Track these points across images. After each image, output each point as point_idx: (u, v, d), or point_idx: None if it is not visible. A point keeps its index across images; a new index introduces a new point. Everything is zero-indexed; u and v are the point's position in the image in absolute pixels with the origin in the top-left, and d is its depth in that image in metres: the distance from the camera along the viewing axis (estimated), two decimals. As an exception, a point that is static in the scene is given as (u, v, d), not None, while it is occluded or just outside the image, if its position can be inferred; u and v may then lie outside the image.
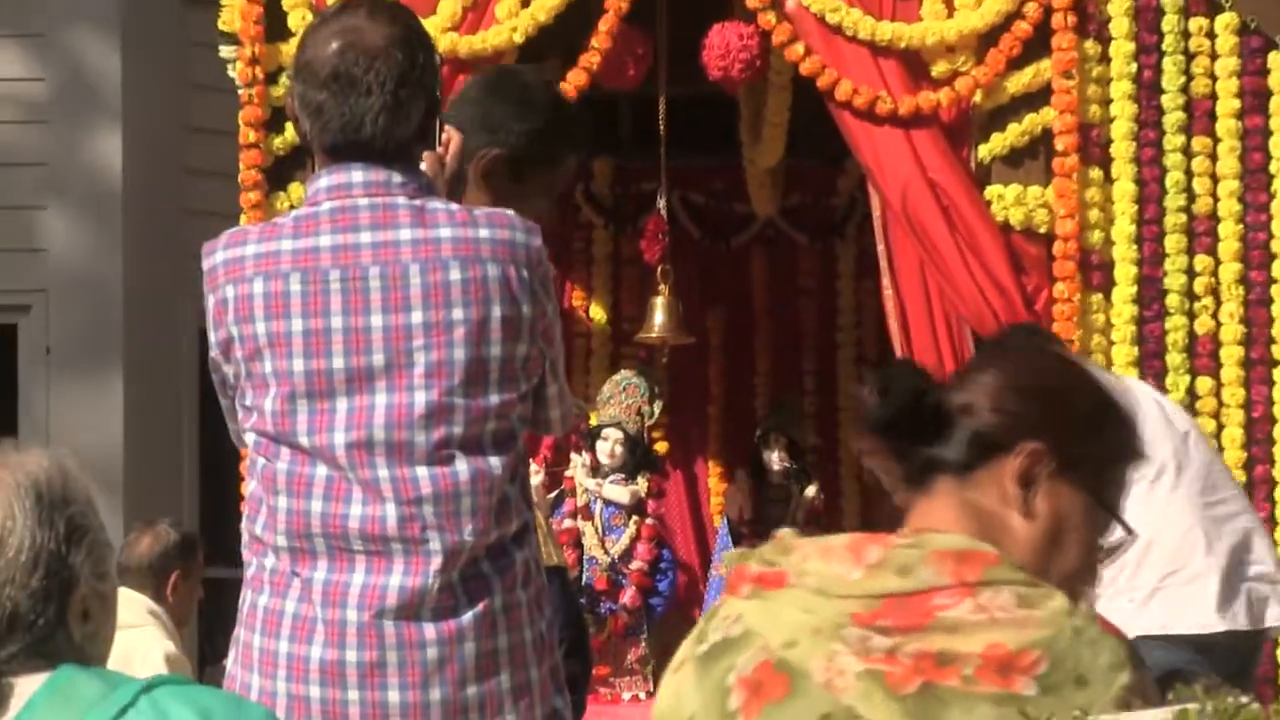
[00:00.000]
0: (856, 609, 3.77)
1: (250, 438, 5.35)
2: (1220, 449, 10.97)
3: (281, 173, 10.99)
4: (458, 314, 5.27)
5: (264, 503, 5.32)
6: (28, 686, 3.95)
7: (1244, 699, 3.13)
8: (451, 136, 5.65)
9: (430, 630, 5.24)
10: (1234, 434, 10.95)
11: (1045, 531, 3.94)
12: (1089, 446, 4.03)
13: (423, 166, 5.48)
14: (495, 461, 5.32)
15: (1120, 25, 11.11)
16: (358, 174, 5.33)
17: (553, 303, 5.46)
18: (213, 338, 5.35)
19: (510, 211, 5.52)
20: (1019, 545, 3.89)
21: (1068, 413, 4.02)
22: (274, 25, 10.91)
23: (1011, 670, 3.69)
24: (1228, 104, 11.07)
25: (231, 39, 11.27)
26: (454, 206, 5.38)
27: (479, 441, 5.30)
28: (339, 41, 5.32)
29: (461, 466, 5.27)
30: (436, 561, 5.23)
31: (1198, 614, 9.11)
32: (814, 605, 3.81)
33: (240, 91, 11.10)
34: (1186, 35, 11.13)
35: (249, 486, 5.40)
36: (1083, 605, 3.86)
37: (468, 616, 5.27)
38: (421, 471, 5.25)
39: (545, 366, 5.46)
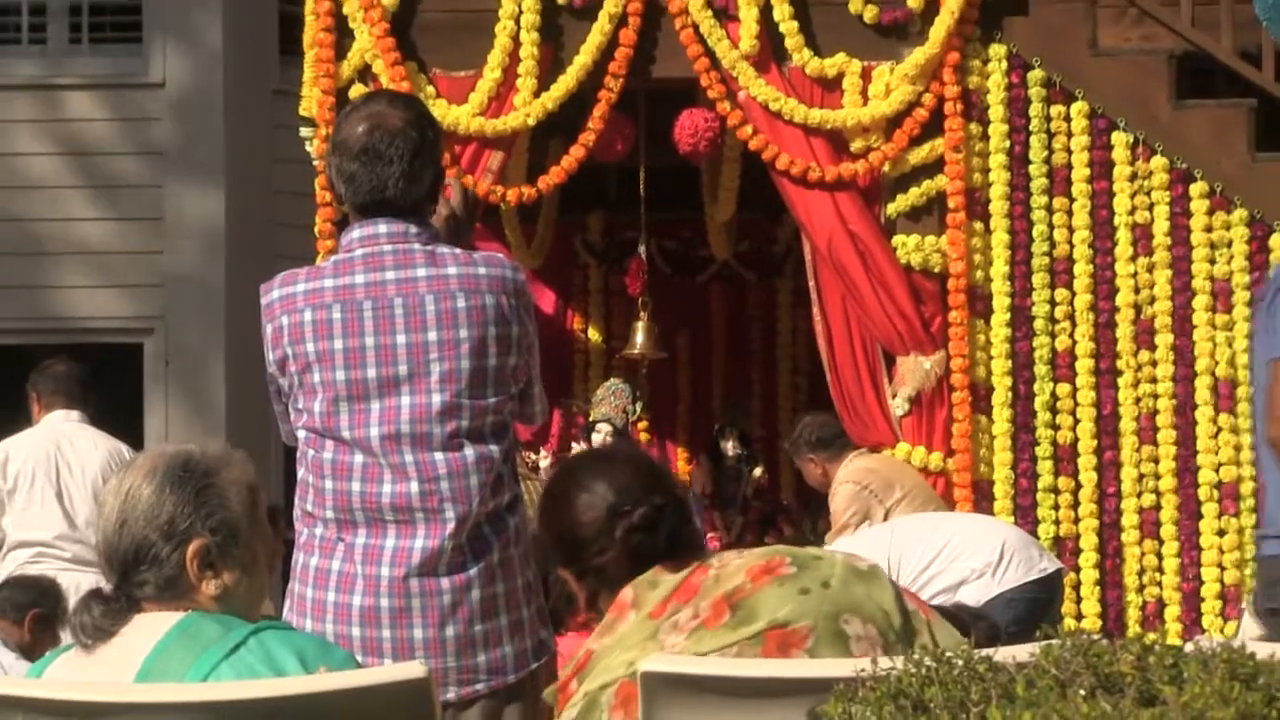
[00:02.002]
0: (650, 612, 4.07)
1: (301, 434, 5.41)
2: (1076, 440, 10.99)
3: (346, 224, 10.97)
4: (463, 333, 5.33)
5: (311, 485, 5.40)
6: (162, 625, 4.00)
7: (1095, 635, 3.14)
8: (451, 186, 5.66)
9: (445, 582, 5.30)
10: (1087, 428, 10.93)
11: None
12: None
13: (433, 220, 5.52)
14: (494, 447, 5.39)
15: (997, 111, 11.10)
16: (383, 226, 5.39)
17: (533, 324, 5.53)
18: (270, 357, 5.41)
19: (501, 255, 5.59)
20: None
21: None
22: (342, 108, 10.86)
23: (773, 568, 4.03)
24: (1080, 172, 11.07)
25: (309, 122, 11.25)
26: (458, 251, 5.45)
27: (481, 432, 5.37)
28: (367, 124, 5.39)
29: (469, 451, 5.33)
30: (450, 527, 5.29)
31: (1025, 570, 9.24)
32: (628, 637, 4.12)
33: (315, 162, 11.06)
34: (1048, 119, 11.12)
35: (299, 473, 5.45)
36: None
37: (474, 570, 5.33)
38: (438, 456, 5.32)
39: (531, 373, 5.50)
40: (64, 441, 10.03)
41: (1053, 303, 11.08)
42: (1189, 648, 3.05)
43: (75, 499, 9.87)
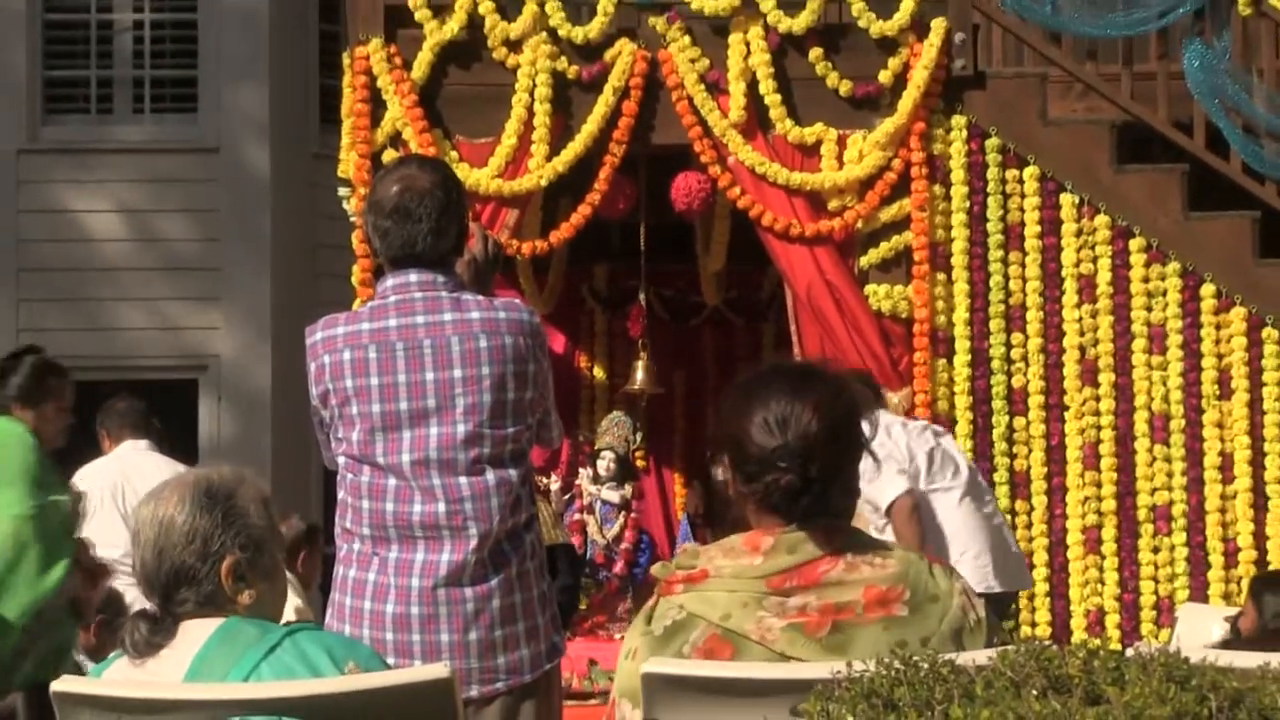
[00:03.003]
0: (769, 580, 3.78)
1: (341, 460, 5.41)
2: (1029, 467, 10.99)
3: (380, 274, 10.96)
4: (485, 370, 5.33)
5: (350, 505, 5.39)
6: (204, 630, 4.01)
7: (1046, 641, 3.13)
8: (475, 233, 5.66)
9: (469, 591, 5.29)
10: (1038, 455, 10.93)
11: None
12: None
13: (458, 269, 5.52)
14: (513, 472, 5.38)
15: (958, 175, 11.11)
16: (413, 276, 5.39)
17: (547, 360, 5.52)
18: (314, 391, 5.41)
19: (518, 300, 5.60)
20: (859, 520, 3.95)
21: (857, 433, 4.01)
22: (376, 171, 10.88)
23: (888, 602, 3.76)
24: (1032, 228, 11.08)
25: (346, 182, 11.24)
26: (480, 297, 5.45)
27: (501, 458, 5.36)
28: (399, 185, 5.40)
29: (490, 476, 5.32)
30: (473, 543, 5.28)
31: (983, 580, 9.12)
32: (735, 586, 3.82)
33: (352, 219, 11.06)
34: (1003, 181, 11.13)
35: (339, 494, 5.45)
36: (915, 550, 3.91)
37: (494, 581, 5.32)
38: (463, 480, 5.30)
39: (546, 404, 5.49)
40: (130, 468, 10.04)
41: (1008, 345, 11.08)
42: (1130, 653, 3.05)
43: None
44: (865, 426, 4.00)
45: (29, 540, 7.90)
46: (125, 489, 9.90)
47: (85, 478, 10.09)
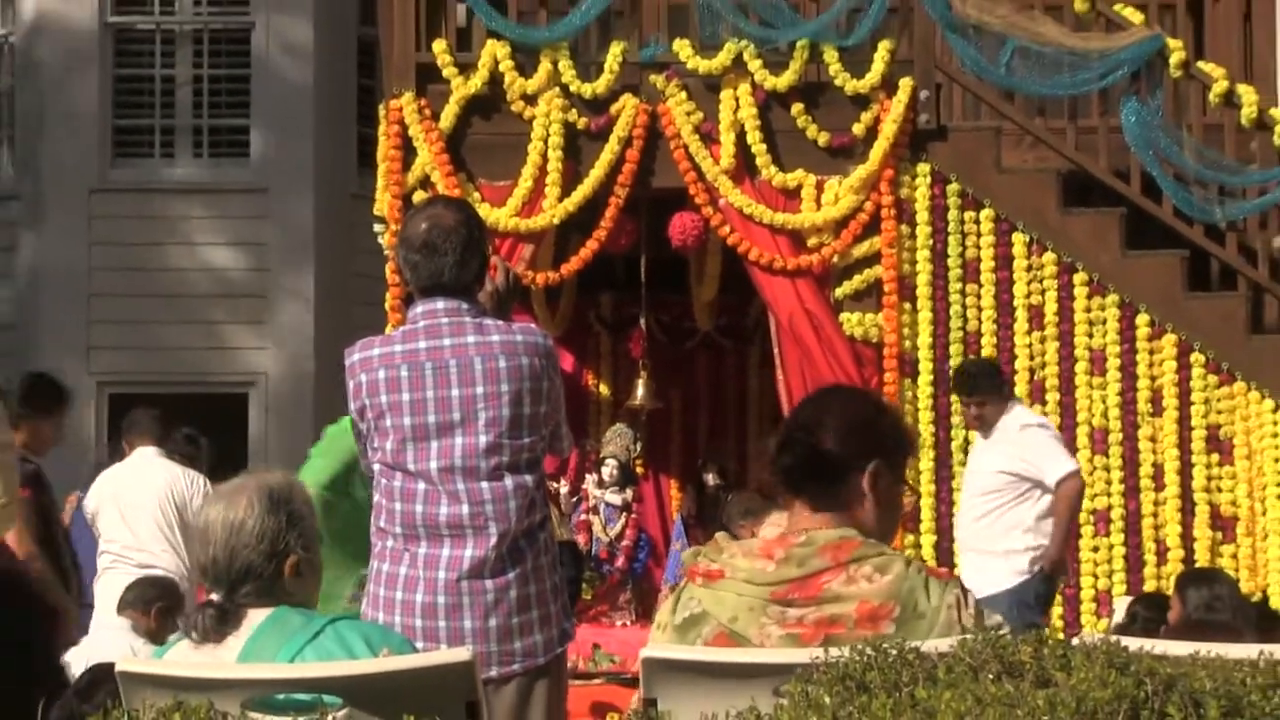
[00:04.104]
0: (773, 591, 3.76)
1: (376, 467, 5.40)
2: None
3: (411, 301, 10.94)
4: (504, 387, 5.31)
5: (384, 506, 5.38)
6: (257, 617, 4.03)
7: (1003, 631, 3.12)
8: (496, 265, 5.65)
9: (489, 583, 5.28)
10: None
11: (882, 511, 3.90)
12: (900, 452, 4.00)
13: (480, 297, 5.52)
14: (528, 478, 5.37)
15: (922, 216, 11.12)
16: (440, 304, 5.38)
17: (559, 378, 5.51)
18: (352, 406, 5.41)
19: (533, 325, 5.61)
20: (868, 524, 3.85)
21: (887, 434, 3.98)
22: (407, 210, 10.87)
23: (877, 619, 3.70)
24: (987, 264, 11.07)
25: (381, 220, 11.25)
26: (500, 322, 5.44)
27: (518, 465, 5.34)
28: (427, 223, 5.39)
29: (508, 481, 5.31)
30: (493, 540, 5.27)
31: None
32: (745, 590, 3.79)
33: (386, 252, 11.07)
34: (963, 222, 11.14)
35: (375, 497, 5.44)
36: (915, 561, 3.85)
37: (512, 574, 5.30)
38: (484, 485, 5.29)
39: (557, 417, 5.48)
40: (133, 473, 9.99)
41: (965, 367, 11.07)
42: (1075, 641, 3.04)
43: (137, 518, 9.82)
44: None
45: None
46: (124, 493, 9.87)
47: (100, 480, 10.12)
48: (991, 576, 9.53)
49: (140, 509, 9.85)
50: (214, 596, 4.09)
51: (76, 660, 7.75)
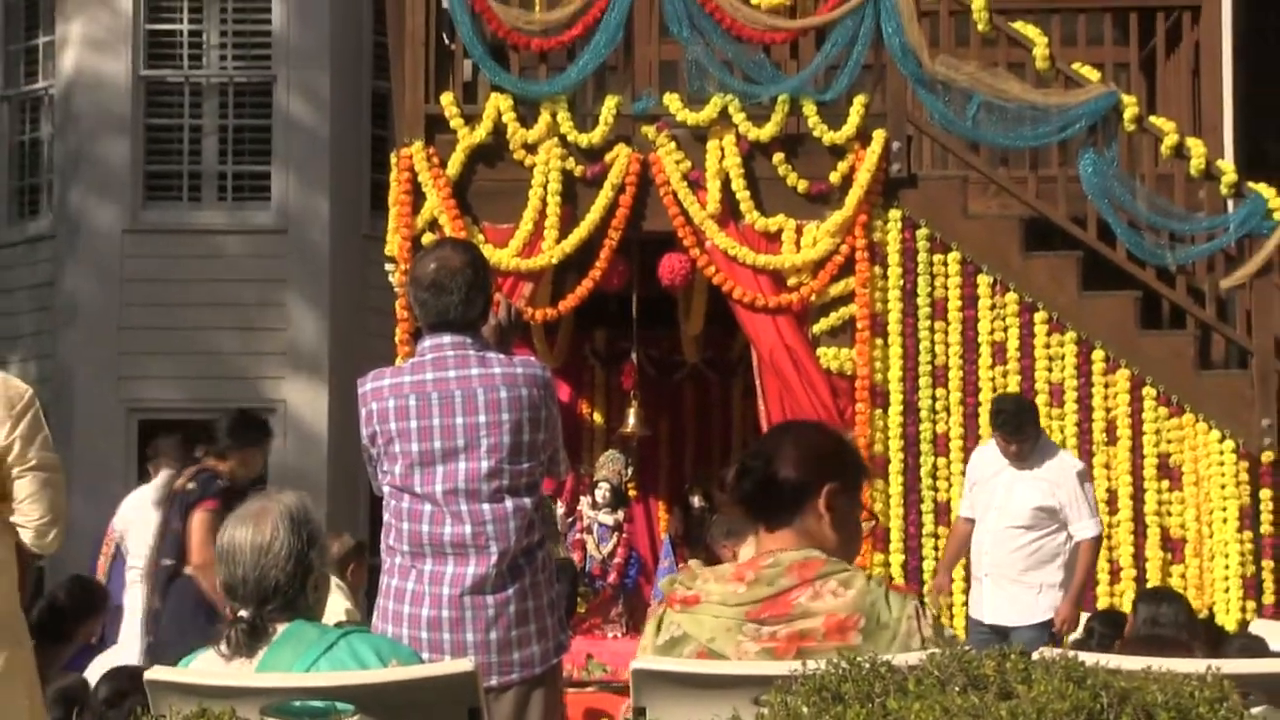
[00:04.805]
0: (748, 610, 3.76)
1: (385, 489, 5.39)
2: (949, 499, 10.95)
3: (419, 336, 10.92)
4: (505, 416, 5.31)
5: (393, 526, 5.37)
6: (278, 630, 3.98)
7: (964, 646, 3.12)
8: (499, 301, 5.65)
9: (490, 599, 5.27)
10: (957, 490, 10.86)
11: (841, 532, 3.89)
12: (855, 476, 4.00)
13: (484, 332, 5.52)
14: (527, 500, 5.36)
15: (894, 258, 11.12)
16: (446, 338, 5.37)
17: (556, 407, 5.50)
18: (363, 432, 5.40)
19: (532, 358, 5.61)
20: (829, 544, 3.85)
21: (841, 460, 3.98)
22: (416, 251, 10.87)
23: (845, 630, 3.71)
24: (954, 303, 11.07)
25: (392, 259, 11.25)
26: (501, 355, 5.44)
27: (518, 489, 5.34)
28: (435, 264, 5.39)
29: (508, 503, 5.30)
30: (494, 558, 5.26)
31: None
32: (721, 612, 3.80)
33: (396, 290, 11.05)
34: (931, 264, 11.13)
35: (385, 517, 5.44)
36: (875, 575, 3.85)
37: (511, 590, 5.30)
38: (485, 507, 5.29)
39: (555, 444, 5.48)
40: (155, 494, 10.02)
41: (934, 398, 11.07)
42: (1035, 656, 3.04)
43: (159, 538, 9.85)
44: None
45: None
46: (149, 513, 9.87)
47: (128, 501, 10.13)
48: (1024, 609, 9.53)
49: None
50: (242, 613, 4.07)
51: (106, 668, 7.72)
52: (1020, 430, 9.77)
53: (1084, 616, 9.50)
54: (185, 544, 8.52)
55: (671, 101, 11.21)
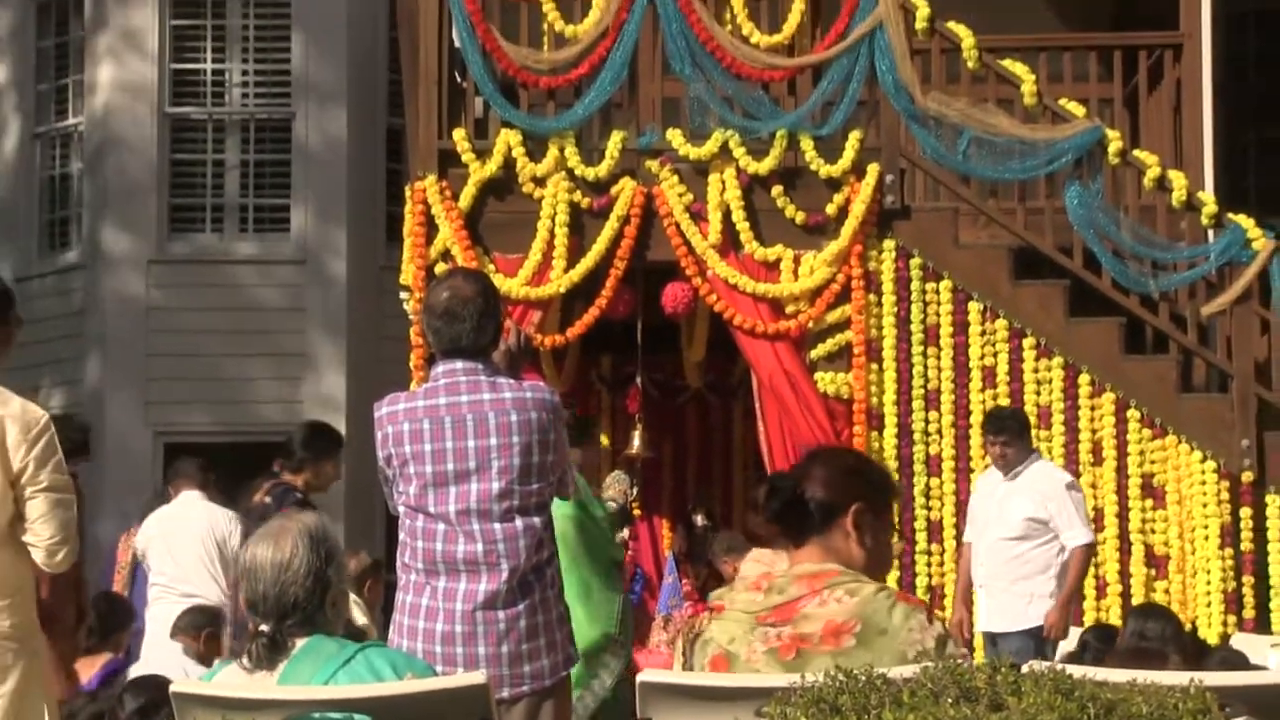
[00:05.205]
0: (759, 615, 3.81)
1: (401, 509, 5.39)
2: (941, 518, 10.96)
3: (433, 361, 10.91)
4: (515, 439, 5.31)
5: (408, 544, 5.37)
6: (298, 644, 3.98)
7: (960, 659, 3.12)
8: (510, 327, 5.66)
9: (501, 614, 5.27)
10: (949, 509, 10.92)
11: (869, 550, 3.90)
12: (882, 496, 4.02)
13: (494, 358, 5.52)
14: (536, 519, 5.36)
15: (888, 286, 11.13)
16: (459, 364, 5.38)
17: (565, 431, 5.48)
18: (380, 455, 5.40)
19: (541, 383, 5.61)
20: (856, 561, 3.86)
21: (867, 481, 4.00)
22: (430, 280, 10.87)
23: (840, 633, 3.72)
24: (946, 329, 11.08)
25: (407, 289, 11.26)
26: (512, 380, 5.43)
27: (527, 509, 5.34)
28: (447, 293, 5.39)
29: (518, 522, 5.30)
30: (505, 575, 5.26)
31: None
32: (741, 618, 3.85)
33: (411, 317, 11.05)
34: (924, 292, 11.14)
35: (400, 536, 5.44)
36: (888, 588, 3.85)
37: (522, 605, 5.30)
38: (497, 526, 5.29)
39: (563, 466, 5.48)
40: (179, 513, 9.99)
41: (926, 421, 11.07)
42: (1025, 669, 3.04)
43: (179, 555, 9.81)
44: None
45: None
46: (170, 531, 9.87)
47: (149, 520, 10.13)
48: (1013, 616, 9.51)
49: (184, 545, 9.85)
50: (263, 627, 4.07)
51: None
52: (1000, 428, 9.78)
53: (1077, 631, 9.48)
54: None
55: (674, 136, 11.23)
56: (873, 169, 11.16)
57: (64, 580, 5.55)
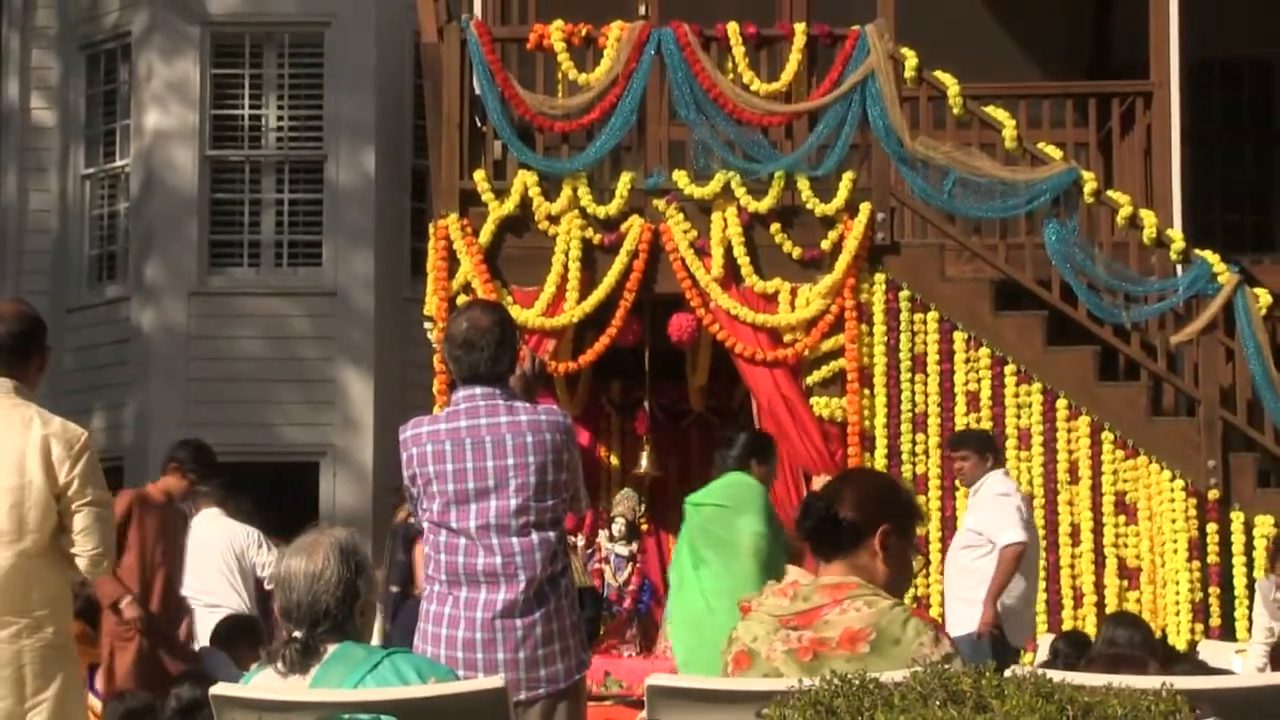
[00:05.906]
0: (783, 619, 3.82)
1: (425, 524, 5.38)
2: (927, 533, 10.90)
3: (454, 387, 10.90)
4: (531, 459, 5.30)
5: (432, 557, 5.36)
6: (329, 651, 3.98)
7: (952, 666, 3.11)
8: (526, 355, 5.66)
9: (519, 622, 5.26)
10: (935, 525, 10.87)
11: (892, 568, 3.90)
12: (908, 519, 4.02)
13: (511, 383, 5.51)
14: (551, 534, 5.35)
15: (879, 317, 11.11)
16: (478, 390, 5.37)
17: (577, 451, 5.50)
18: (405, 474, 5.40)
19: (555, 406, 5.62)
20: (880, 578, 3.87)
21: (895, 505, 4.00)
22: (452, 311, 10.87)
23: (856, 640, 3.72)
24: (933, 358, 11.08)
25: (430, 319, 11.26)
26: (528, 404, 5.43)
27: (543, 524, 5.33)
28: (466, 324, 5.39)
29: (534, 537, 5.29)
30: (522, 586, 5.25)
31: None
32: (766, 620, 3.86)
33: (434, 346, 11.05)
34: (912, 323, 11.13)
35: (425, 550, 5.42)
36: (904, 604, 3.85)
37: (538, 614, 5.28)
38: (514, 540, 5.28)
39: (576, 483, 5.47)
40: (201, 529, 9.99)
41: (914, 442, 11.05)
42: (1007, 674, 3.03)
43: (202, 567, 9.81)
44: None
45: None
46: (193, 546, 9.84)
47: None
48: (958, 621, 9.44)
49: (206, 559, 9.86)
50: (296, 634, 4.07)
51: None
52: (957, 445, 9.77)
53: (1048, 638, 9.44)
54: (410, 572, 8.52)
55: (680, 177, 11.24)
56: (865, 208, 11.16)
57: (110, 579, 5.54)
